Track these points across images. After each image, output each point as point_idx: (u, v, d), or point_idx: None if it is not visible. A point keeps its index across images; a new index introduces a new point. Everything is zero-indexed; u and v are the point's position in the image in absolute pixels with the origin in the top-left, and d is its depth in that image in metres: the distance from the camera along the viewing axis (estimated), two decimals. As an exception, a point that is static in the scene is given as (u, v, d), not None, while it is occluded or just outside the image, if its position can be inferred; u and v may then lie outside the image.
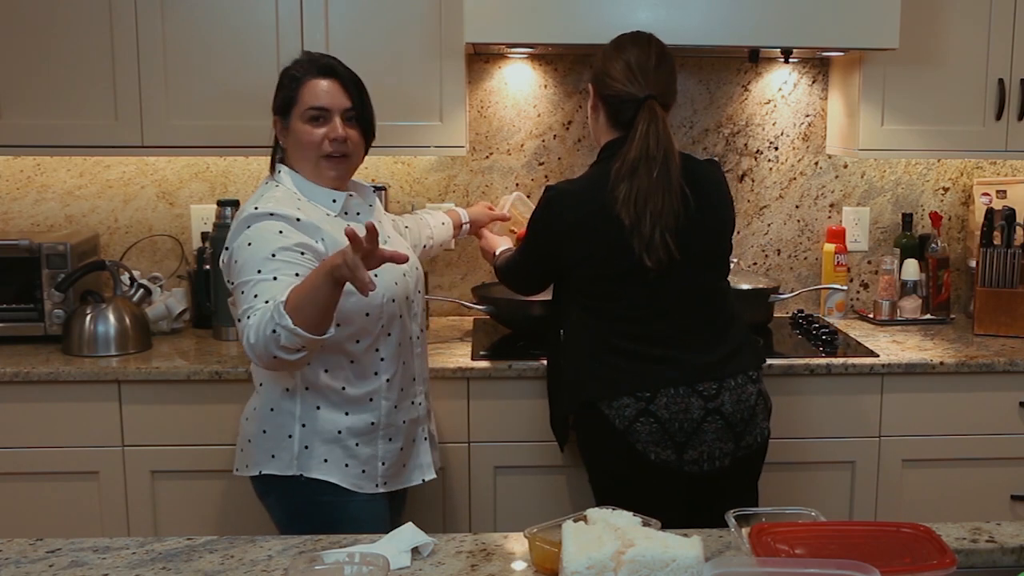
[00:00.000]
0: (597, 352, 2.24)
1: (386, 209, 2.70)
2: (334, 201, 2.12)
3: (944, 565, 1.38)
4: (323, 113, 2.10)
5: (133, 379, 2.59)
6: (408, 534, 1.59)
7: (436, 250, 2.73)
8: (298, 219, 2.02)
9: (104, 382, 2.59)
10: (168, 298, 2.96)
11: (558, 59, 3.12)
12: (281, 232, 1.98)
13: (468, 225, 2.77)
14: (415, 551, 1.57)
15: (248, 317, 1.88)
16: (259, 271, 1.93)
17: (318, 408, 2.11)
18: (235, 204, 2.84)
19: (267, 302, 1.87)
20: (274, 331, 1.81)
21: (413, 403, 2.25)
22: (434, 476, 2.31)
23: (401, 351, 2.19)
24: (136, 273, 2.93)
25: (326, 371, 2.09)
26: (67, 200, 3.11)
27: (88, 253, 2.95)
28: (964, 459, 2.75)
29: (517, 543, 1.62)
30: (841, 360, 2.70)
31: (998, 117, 2.90)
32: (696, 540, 1.38)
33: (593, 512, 1.50)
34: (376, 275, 2.07)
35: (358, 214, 2.17)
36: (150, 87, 2.75)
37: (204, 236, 3.00)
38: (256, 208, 2.02)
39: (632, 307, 2.23)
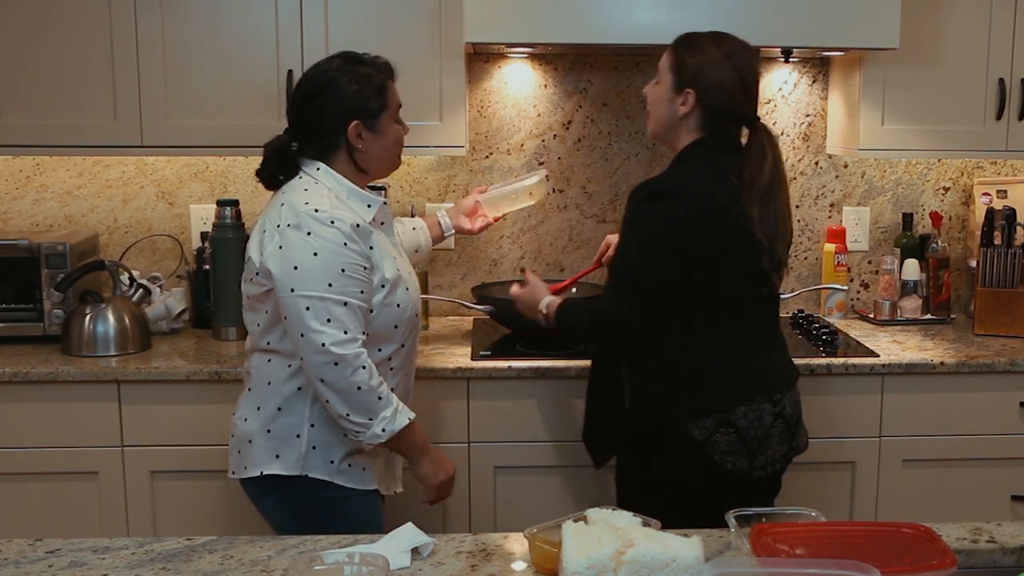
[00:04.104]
0: (704, 363, 2.17)
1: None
2: (369, 206, 2.11)
3: (944, 565, 1.38)
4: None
5: (132, 379, 2.59)
6: (408, 534, 1.59)
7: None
8: (357, 225, 2.02)
9: (103, 382, 2.59)
10: (167, 298, 2.95)
11: (558, 59, 3.12)
12: (345, 244, 1.99)
13: (452, 232, 2.70)
14: (415, 551, 1.57)
15: (325, 345, 1.97)
16: (329, 284, 1.97)
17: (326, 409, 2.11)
18: (235, 204, 2.84)
19: (345, 333, 1.97)
20: (382, 429, 2.04)
21: None
22: (401, 489, 2.30)
23: (407, 363, 2.22)
24: (135, 273, 2.93)
25: None
26: (66, 200, 3.11)
27: (87, 253, 2.94)
28: (964, 459, 2.75)
29: (517, 543, 1.62)
30: (841, 360, 2.70)
31: (998, 117, 2.90)
32: (696, 540, 1.38)
33: (593, 512, 1.50)
34: (408, 288, 2.12)
35: (382, 223, 2.18)
36: (149, 87, 2.75)
37: (204, 236, 3.00)
38: (316, 210, 1.99)
39: (738, 316, 2.19)
